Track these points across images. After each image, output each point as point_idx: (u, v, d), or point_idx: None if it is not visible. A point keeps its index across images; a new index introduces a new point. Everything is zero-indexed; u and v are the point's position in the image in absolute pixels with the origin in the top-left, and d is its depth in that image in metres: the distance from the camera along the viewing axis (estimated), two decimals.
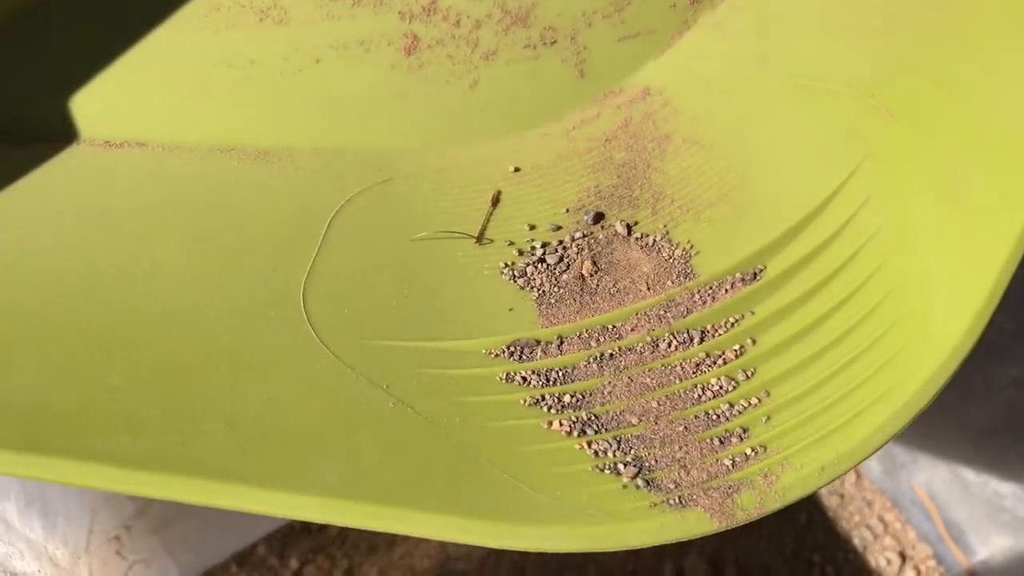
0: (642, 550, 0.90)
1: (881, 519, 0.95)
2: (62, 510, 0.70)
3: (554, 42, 0.50)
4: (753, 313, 0.40)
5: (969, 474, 0.85)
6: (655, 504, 0.35)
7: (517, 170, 0.48)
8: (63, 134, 0.48)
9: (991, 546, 0.86)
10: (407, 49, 0.49)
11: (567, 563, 0.91)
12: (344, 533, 0.92)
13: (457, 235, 0.44)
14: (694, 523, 0.34)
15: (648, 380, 0.39)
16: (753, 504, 0.35)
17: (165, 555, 0.80)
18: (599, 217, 0.45)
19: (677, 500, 0.35)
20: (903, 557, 0.92)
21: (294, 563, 0.90)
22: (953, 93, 0.40)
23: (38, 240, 0.41)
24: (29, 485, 0.67)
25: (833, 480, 0.36)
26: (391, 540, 0.91)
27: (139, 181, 0.45)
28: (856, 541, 0.94)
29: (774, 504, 0.35)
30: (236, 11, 0.48)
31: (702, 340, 0.40)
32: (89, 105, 0.48)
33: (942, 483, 0.89)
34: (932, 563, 0.91)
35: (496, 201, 0.46)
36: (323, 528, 0.92)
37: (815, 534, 0.94)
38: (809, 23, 0.48)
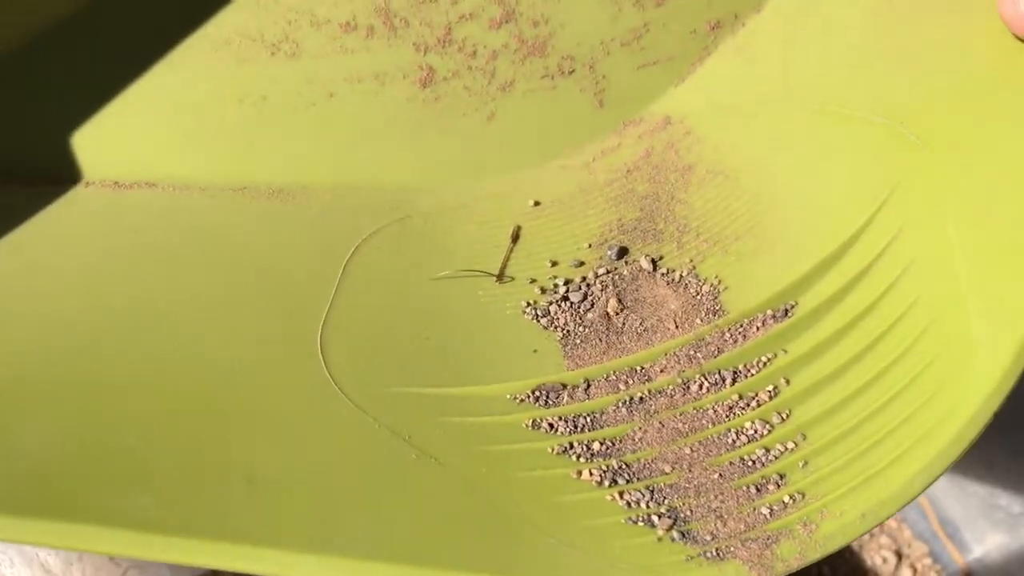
0: None
1: None
2: None
3: (572, 71, 0.49)
4: (786, 352, 0.39)
5: (963, 472, 0.84)
6: (691, 557, 0.33)
7: (537, 204, 0.47)
8: (69, 175, 0.46)
9: (986, 543, 0.85)
10: (423, 81, 0.48)
11: None
12: None
13: (477, 273, 0.43)
14: None
15: (680, 425, 0.37)
16: (793, 555, 0.33)
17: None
18: (623, 252, 0.43)
19: (714, 552, 0.34)
20: (899, 555, 0.90)
21: None
22: (987, 120, 0.39)
23: (42, 286, 0.39)
24: None
25: (874, 527, 0.34)
26: None
27: (149, 222, 0.44)
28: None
29: (815, 554, 0.34)
30: (247, 45, 0.47)
31: (734, 381, 0.38)
32: (95, 145, 0.47)
33: (937, 481, 0.87)
34: (928, 561, 0.90)
35: (516, 237, 0.45)
36: None
37: None
38: (836, 49, 0.46)
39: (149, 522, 0.30)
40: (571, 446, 0.37)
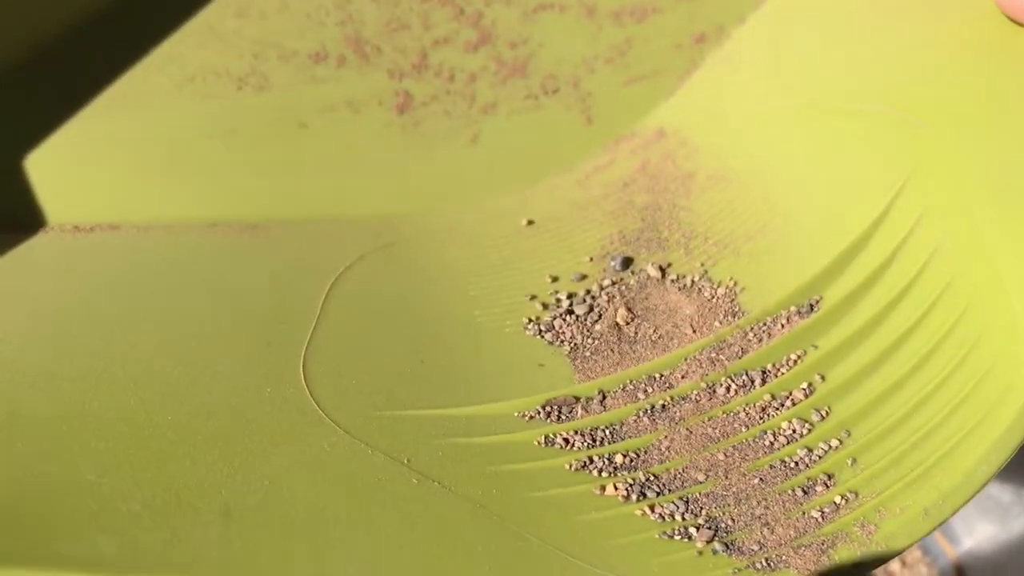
0: None
1: None
2: None
3: (556, 90, 0.46)
4: (816, 347, 0.35)
5: None
6: (739, 570, 0.29)
7: (531, 223, 0.44)
8: (26, 222, 0.43)
9: (976, 535, 0.83)
10: (399, 107, 0.45)
11: None
12: None
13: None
14: None
15: (710, 430, 0.33)
16: (852, 559, 0.29)
17: None
18: (628, 262, 0.40)
19: (764, 563, 0.29)
20: None
21: None
22: (991, 98, 0.37)
23: None
24: None
25: (940, 524, 0.30)
26: None
27: (112, 264, 0.40)
28: None
29: (877, 558, 0.29)
30: (211, 81, 0.44)
31: (764, 381, 0.35)
32: (54, 189, 0.43)
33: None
34: (918, 554, 0.87)
35: None
36: None
37: None
38: (828, 47, 0.44)
39: (110, 562, 0.26)
40: (590, 460, 0.33)
